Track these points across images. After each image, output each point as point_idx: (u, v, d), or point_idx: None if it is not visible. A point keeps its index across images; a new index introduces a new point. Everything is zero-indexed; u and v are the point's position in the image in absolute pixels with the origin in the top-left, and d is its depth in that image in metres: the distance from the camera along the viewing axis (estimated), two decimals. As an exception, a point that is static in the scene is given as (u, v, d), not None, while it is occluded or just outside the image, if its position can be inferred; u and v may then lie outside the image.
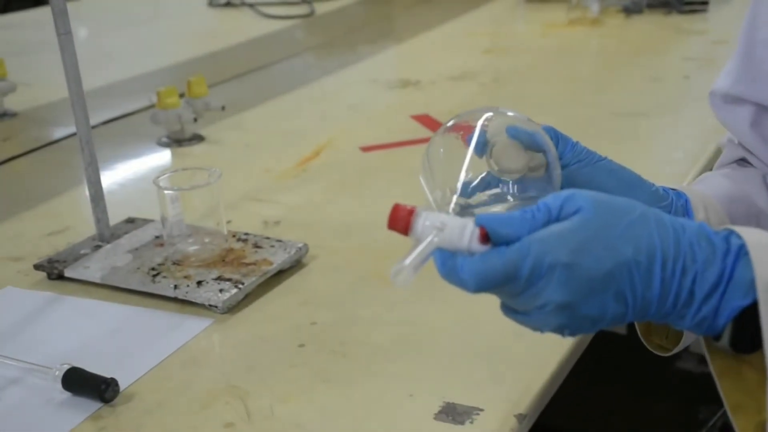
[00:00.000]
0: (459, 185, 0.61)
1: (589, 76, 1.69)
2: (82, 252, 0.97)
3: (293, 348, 0.81)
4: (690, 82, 1.58)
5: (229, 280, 0.89)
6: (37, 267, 0.95)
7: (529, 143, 0.66)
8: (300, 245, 0.95)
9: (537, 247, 0.55)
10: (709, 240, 0.56)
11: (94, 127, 0.98)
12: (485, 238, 0.55)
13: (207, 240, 0.95)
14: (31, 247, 1.03)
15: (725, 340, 0.57)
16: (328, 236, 1.02)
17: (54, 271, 0.94)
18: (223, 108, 1.39)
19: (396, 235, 1.03)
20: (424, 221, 0.56)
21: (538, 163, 0.66)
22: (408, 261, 0.54)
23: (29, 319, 0.88)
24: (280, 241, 0.96)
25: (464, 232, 0.55)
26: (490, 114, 0.66)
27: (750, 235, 0.56)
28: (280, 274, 0.93)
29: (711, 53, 1.79)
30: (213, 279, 0.89)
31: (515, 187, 0.66)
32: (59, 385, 0.74)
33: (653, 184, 0.73)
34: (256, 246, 0.95)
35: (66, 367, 0.75)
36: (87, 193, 0.98)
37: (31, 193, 1.23)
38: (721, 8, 2.09)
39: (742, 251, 0.55)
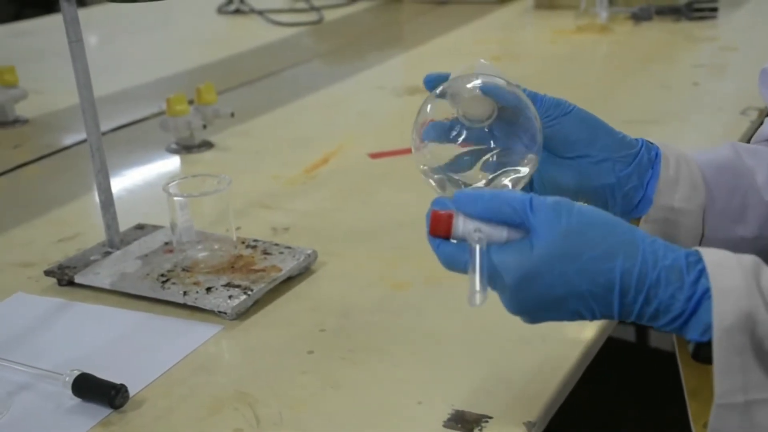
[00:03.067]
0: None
1: (597, 83, 1.69)
2: (92, 258, 0.97)
3: (302, 354, 0.81)
4: (699, 88, 1.58)
5: (238, 286, 0.89)
6: (47, 273, 0.96)
7: (496, 94, 0.67)
8: (309, 252, 0.96)
9: (499, 263, 0.59)
10: (681, 277, 0.57)
11: (104, 133, 0.99)
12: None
13: (216, 246, 0.95)
14: (42, 254, 1.03)
15: (689, 348, 0.60)
16: (337, 243, 1.02)
17: (64, 277, 0.95)
18: (232, 115, 1.39)
19: (405, 242, 1.03)
20: (463, 224, 0.60)
21: (509, 112, 0.67)
22: (478, 285, 0.59)
23: (39, 325, 0.88)
24: (289, 247, 0.96)
25: (502, 232, 0.60)
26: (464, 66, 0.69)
27: (719, 277, 0.56)
28: (289, 281, 0.93)
29: (721, 60, 1.79)
30: (222, 285, 0.89)
31: (490, 136, 0.68)
32: (69, 391, 0.75)
33: (621, 133, 0.73)
34: (265, 252, 0.96)
35: (76, 373, 0.75)
36: (97, 199, 0.99)
37: (41, 199, 1.23)
38: (730, 15, 2.09)
39: (706, 295, 0.56)
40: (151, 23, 2.36)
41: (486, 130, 0.68)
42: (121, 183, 1.25)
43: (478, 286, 0.58)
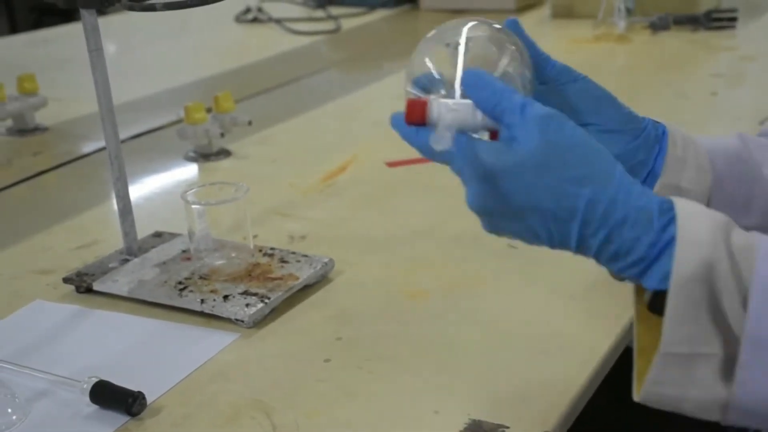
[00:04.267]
0: (457, 84, 0.63)
1: (615, 92, 1.67)
2: (111, 266, 0.98)
3: (319, 363, 0.81)
4: (718, 98, 1.57)
5: (255, 294, 0.89)
6: (65, 280, 0.96)
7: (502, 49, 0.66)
8: (326, 260, 0.96)
9: (468, 151, 0.59)
10: (650, 221, 0.56)
11: (122, 141, 0.99)
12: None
13: (233, 254, 0.95)
14: (60, 261, 1.04)
15: (646, 297, 0.59)
16: (354, 251, 1.02)
17: (82, 285, 0.95)
18: (249, 123, 1.39)
19: (422, 251, 1.03)
20: (438, 107, 0.61)
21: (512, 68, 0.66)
22: (440, 128, 0.59)
23: (58, 332, 0.89)
24: (306, 256, 0.97)
25: (477, 112, 0.60)
26: (472, 23, 0.67)
27: (688, 227, 0.56)
28: (306, 289, 0.93)
29: (739, 69, 1.78)
30: (239, 293, 0.89)
31: None
32: (87, 398, 0.75)
33: (629, 108, 0.73)
34: (283, 261, 0.96)
35: (94, 380, 0.76)
36: (115, 207, 0.99)
37: (60, 206, 1.24)
38: (749, 24, 2.08)
39: (671, 243, 0.56)
40: (170, 32, 2.37)
41: None
42: (139, 191, 1.25)
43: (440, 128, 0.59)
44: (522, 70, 0.66)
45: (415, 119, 0.62)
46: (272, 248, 0.98)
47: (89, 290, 0.95)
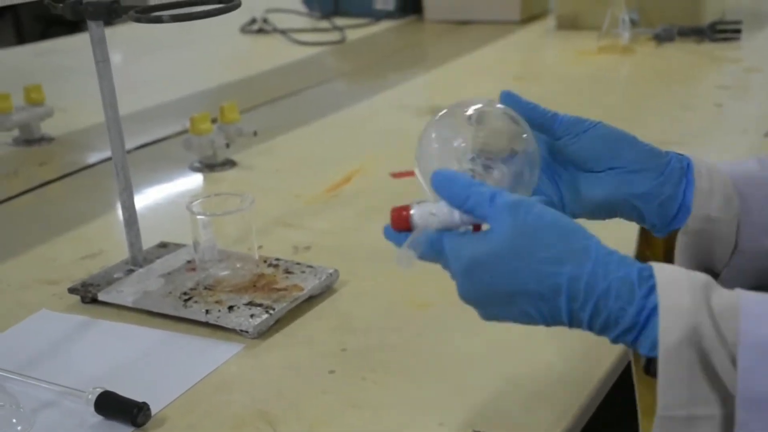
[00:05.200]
0: (468, 159, 0.68)
1: (620, 104, 1.68)
2: (116, 276, 0.98)
3: (323, 374, 0.81)
4: (723, 110, 1.57)
5: (260, 305, 0.89)
6: (71, 290, 0.96)
7: (513, 131, 0.69)
8: (331, 271, 0.96)
9: (449, 248, 0.62)
10: (632, 291, 0.57)
11: (128, 151, 0.99)
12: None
13: (238, 265, 0.95)
14: (66, 271, 1.04)
15: (642, 362, 0.61)
16: (359, 262, 1.02)
17: (88, 295, 0.95)
18: (255, 134, 1.40)
19: (427, 262, 1.02)
20: (419, 212, 0.64)
21: (518, 148, 0.69)
22: (408, 243, 0.63)
23: (63, 343, 0.89)
24: (310, 266, 0.97)
25: (453, 211, 0.63)
26: (479, 105, 0.70)
27: (668, 294, 0.57)
28: (311, 300, 0.93)
29: (744, 81, 1.79)
30: (244, 304, 0.89)
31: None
32: (92, 409, 0.75)
33: (650, 144, 0.73)
34: (287, 271, 0.96)
35: (98, 390, 0.76)
36: (121, 217, 1.00)
37: (66, 216, 1.24)
38: (754, 36, 2.08)
39: (654, 311, 0.57)
40: (175, 43, 2.38)
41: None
42: (144, 201, 1.25)
43: (407, 244, 0.62)
44: (519, 151, 0.68)
45: (399, 227, 0.65)
46: (277, 259, 0.99)
47: (94, 300, 0.95)
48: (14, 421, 0.75)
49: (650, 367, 0.59)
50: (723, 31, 2.04)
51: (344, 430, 0.73)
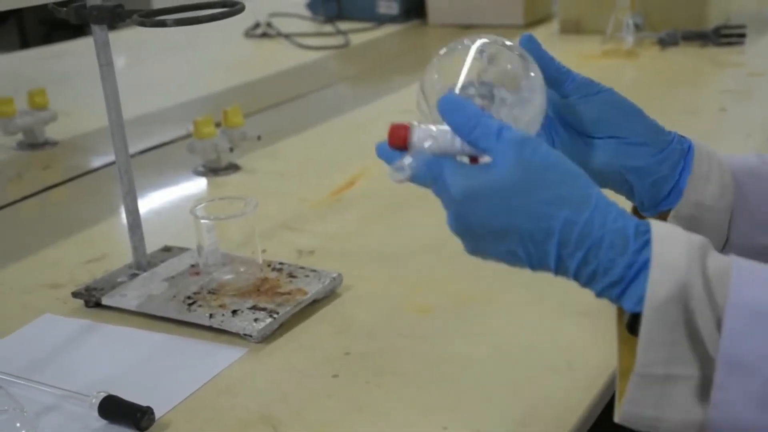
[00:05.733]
0: (458, 86, 0.65)
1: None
2: (119, 280, 0.98)
3: (327, 378, 0.81)
4: (727, 114, 1.57)
5: (263, 309, 0.89)
6: (75, 294, 0.96)
7: (523, 70, 0.67)
8: (334, 275, 0.96)
9: (449, 174, 0.60)
10: (626, 243, 0.57)
11: (132, 155, 0.99)
12: None
13: (242, 269, 0.95)
14: (70, 275, 1.04)
15: (625, 318, 0.59)
16: (363, 266, 1.02)
17: (91, 299, 0.95)
18: (259, 138, 1.40)
19: (431, 266, 1.03)
20: (419, 133, 0.62)
21: (527, 86, 0.66)
22: (406, 159, 0.61)
23: (67, 347, 0.89)
24: (314, 270, 0.97)
25: (455, 138, 0.61)
26: (485, 40, 0.67)
27: (662, 249, 0.56)
28: (315, 304, 0.93)
29: (748, 85, 1.78)
30: (248, 308, 0.89)
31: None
32: (95, 413, 0.75)
33: (655, 121, 0.73)
34: (291, 275, 0.96)
35: (102, 395, 0.76)
36: (124, 221, 1.00)
37: (69, 220, 1.24)
38: (758, 40, 2.08)
39: (646, 265, 0.56)
40: (179, 47, 2.38)
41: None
42: (148, 205, 1.26)
43: (403, 159, 0.61)
44: (527, 89, 0.66)
45: (396, 144, 0.62)
46: (281, 263, 0.99)
47: (98, 305, 0.95)
48: (18, 425, 0.74)
49: (633, 325, 0.57)
50: (727, 36, 2.03)
51: (348, 435, 0.73)
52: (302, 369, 0.83)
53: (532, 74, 0.66)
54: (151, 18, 0.88)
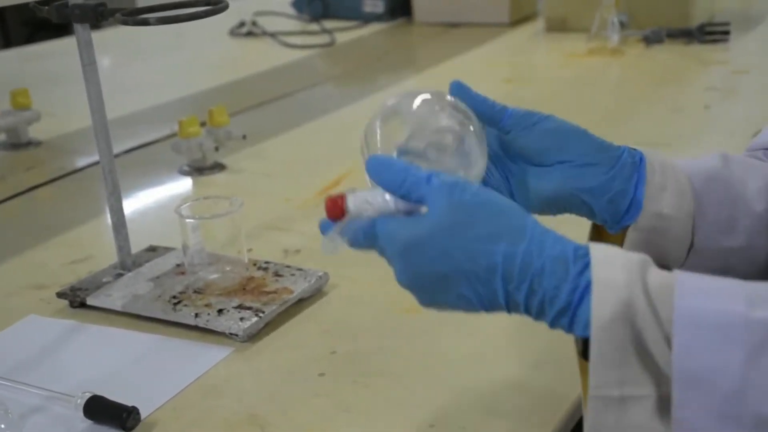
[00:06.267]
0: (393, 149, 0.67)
1: (609, 106, 1.69)
2: (104, 280, 0.97)
3: (313, 377, 0.81)
4: (711, 112, 1.58)
5: (249, 308, 0.89)
6: (59, 295, 0.96)
7: (458, 121, 0.68)
8: (320, 274, 0.95)
9: (382, 233, 0.61)
10: (566, 268, 0.57)
11: (116, 155, 0.99)
12: None
13: (228, 268, 0.95)
14: (54, 276, 1.04)
15: (577, 346, 0.59)
16: (349, 265, 1.02)
17: (76, 299, 0.95)
18: (244, 137, 1.39)
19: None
20: (354, 200, 0.62)
21: (464, 137, 0.68)
22: (336, 230, 0.62)
23: (51, 347, 0.88)
24: (300, 269, 0.96)
25: (390, 199, 0.62)
26: (427, 96, 0.70)
27: (602, 270, 0.56)
28: (301, 303, 0.93)
29: (732, 83, 1.79)
30: (234, 307, 0.89)
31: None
32: (81, 414, 0.74)
33: (600, 139, 0.72)
34: (277, 275, 0.96)
35: (87, 395, 0.75)
36: (109, 221, 0.99)
37: (53, 221, 1.24)
38: (742, 38, 2.09)
39: (588, 288, 0.56)
40: (164, 46, 2.37)
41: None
42: (133, 205, 1.25)
43: (335, 230, 0.62)
44: (465, 144, 0.67)
45: (335, 216, 0.63)
46: (267, 262, 0.98)
47: (83, 305, 0.95)
48: (2, 426, 0.74)
49: (586, 350, 0.56)
50: (712, 33, 2.04)
51: (335, 434, 0.73)
52: (288, 368, 0.83)
53: (471, 127, 0.68)
54: (134, 16, 0.88)
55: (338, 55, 2.28)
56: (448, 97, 0.70)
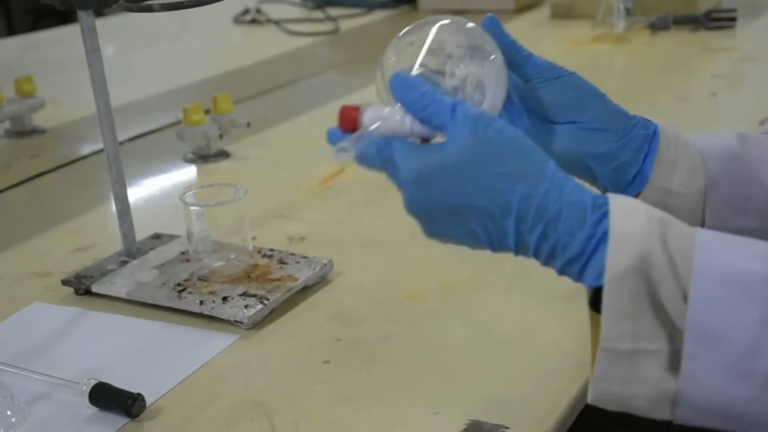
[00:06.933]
0: (415, 66, 0.64)
1: (615, 93, 1.67)
2: (109, 268, 0.97)
3: (318, 364, 0.81)
4: (717, 99, 1.57)
5: (254, 296, 0.89)
6: (64, 282, 0.96)
7: (482, 50, 0.66)
8: (325, 261, 0.95)
9: (399, 155, 0.59)
10: (583, 216, 0.56)
11: (120, 143, 0.99)
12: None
13: (232, 256, 0.95)
14: (59, 263, 1.04)
15: (588, 296, 0.58)
16: (354, 253, 1.02)
17: (81, 287, 0.95)
18: (248, 125, 1.39)
19: (422, 253, 1.03)
20: (369, 114, 0.61)
21: (485, 66, 0.66)
22: (348, 140, 0.61)
23: (57, 335, 0.89)
24: (305, 257, 0.96)
25: (405, 119, 0.60)
26: (446, 22, 0.67)
27: (621, 220, 0.55)
28: (305, 291, 0.93)
29: (739, 70, 1.78)
30: (238, 295, 0.89)
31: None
32: (86, 400, 0.75)
33: (618, 105, 0.72)
34: (282, 262, 0.95)
35: (93, 382, 0.75)
36: (114, 209, 0.99)
37: (58, 209, 1.24)
38: (749, 25, 2.08)
39: (605, 237, 0.55)
40: (168, 33, 2.37)
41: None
42: (137, 192, 1.25)
43: (348, 140, 0.60)
44: (486, 71, 0.65)
45: (346, 126, 0.61)
46: (271, 250, 0.98)
47: (88, 292, 0.95)
48: (9, 413, 0.74)
49: (597, 301, 0.55)
50: (718, 20, 2.03)
51: (339, 420, 0.73)
52: (293, 355, 0.83)
53: (493, 56, 0.66)
54: (138, 3, 0.88)
55: (343, 43, 2.27)
56: (472, 24, 0.67)
